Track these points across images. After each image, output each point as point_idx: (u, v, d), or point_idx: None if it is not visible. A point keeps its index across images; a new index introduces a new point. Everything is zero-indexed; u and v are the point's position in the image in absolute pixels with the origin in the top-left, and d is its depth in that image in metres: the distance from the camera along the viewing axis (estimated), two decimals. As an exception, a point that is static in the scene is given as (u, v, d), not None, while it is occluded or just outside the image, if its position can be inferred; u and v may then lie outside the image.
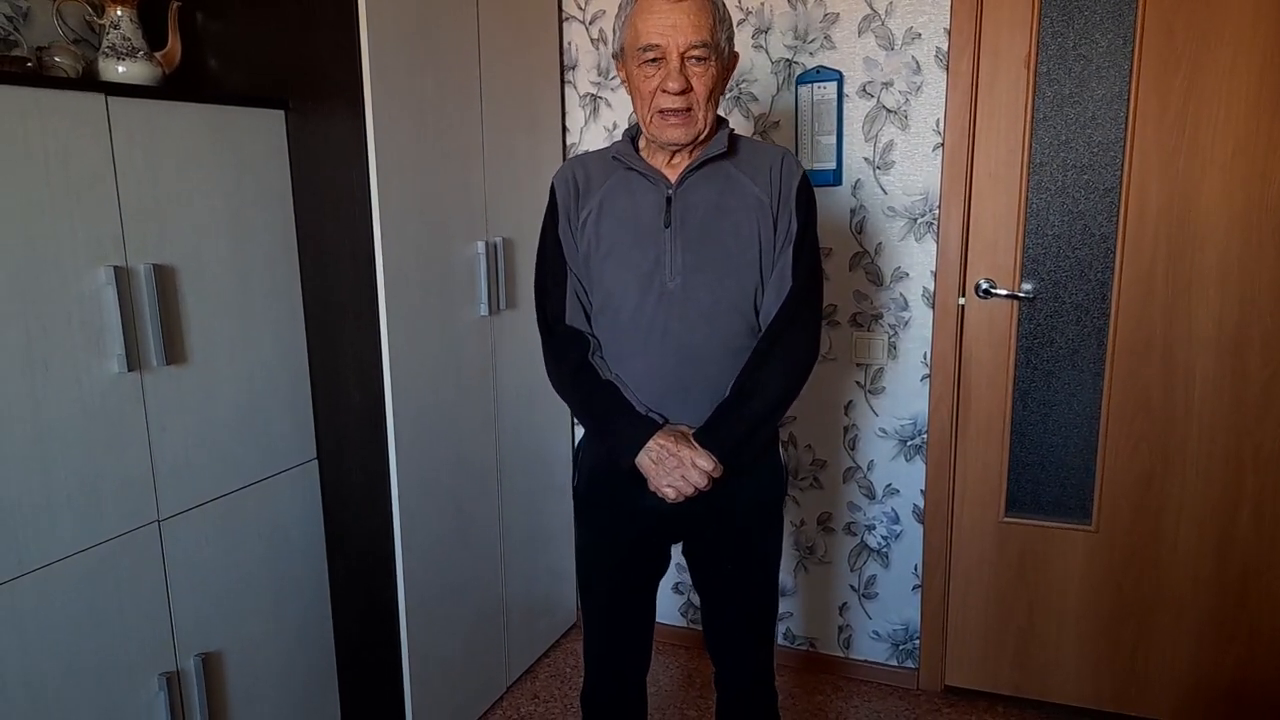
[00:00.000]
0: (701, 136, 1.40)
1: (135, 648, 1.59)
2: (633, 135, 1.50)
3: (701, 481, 1.38)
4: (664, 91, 1.34)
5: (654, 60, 1.34)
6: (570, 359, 1.47)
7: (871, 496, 2.40)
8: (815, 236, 1.47)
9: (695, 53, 1.33)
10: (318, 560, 1.99)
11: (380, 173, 1.77)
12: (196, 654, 1.69)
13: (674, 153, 1.43)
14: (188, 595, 1.68)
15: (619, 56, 1.44)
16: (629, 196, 1.44)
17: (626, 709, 1.64)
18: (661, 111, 1.36)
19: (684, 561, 1.62)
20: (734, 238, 1.41)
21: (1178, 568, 2.14)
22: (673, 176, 1.43)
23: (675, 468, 1.38)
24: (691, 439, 1.40)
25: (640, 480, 1.42)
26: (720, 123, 1.46)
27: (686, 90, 1.34)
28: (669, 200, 1.41)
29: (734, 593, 1.56)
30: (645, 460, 1.39)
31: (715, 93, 1.39)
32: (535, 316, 1.53)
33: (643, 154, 1.46)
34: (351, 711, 2.07)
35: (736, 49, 1.46)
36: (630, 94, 1.43)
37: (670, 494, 1.39)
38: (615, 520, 1.53)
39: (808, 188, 1.46)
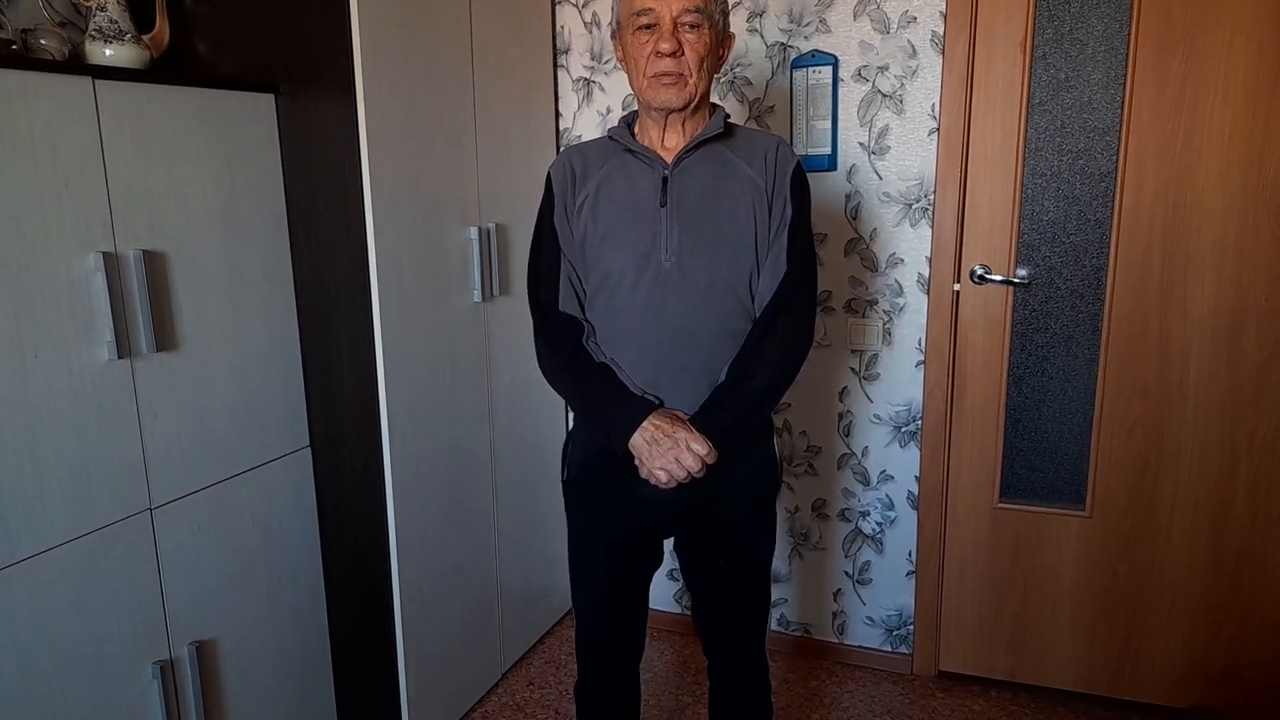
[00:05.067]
0: (694, 103, 1.41)
1: (128, 636, 1.58)
2: (628, 120, 1.51)
3: (695, 466, 1.36)
4: (656, 54, 1.37)
5: (648, 26, 1.37)
6: (564, 344, 1.46)
7: (866, 483, 2.40)
8: (809, 223, 1.48)
9: (688, 19, 1.36)
10: (312, 548, 1.98)
11: (372, 157, 1.75)
12: (190, 642, 1.69)
13: (668, 131, 1.44)
14: (181, 583, 1.67)
15: (616, 33, 1.46)
16: (626, 179, 1.45)
17: (620, 703, 1.64)
18: (655, 75, 1.38)
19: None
20: (730, 220, 1.42)
21: (1172, 552, 2.15)
22: (669, 158, 1.43)
23: (669, 449, 1.36)
24: (687, 422, 1.39)
25: (631, 470, 1.41)
26: (714, 108, 1.48)
27: (678, 52, 1.36)
28: (665, 180, 1.42)
29: (726, 588, 1.55)
30: (639, 441, 1.38)
31: (707, 63, 1.40)
32: (528, 303, 1.52)
33: (638, 137, 1.47)
34: (347, 698, 2.07)
35: (732, 30, 1.48)
36: (627, 69, 1.45)
37: (662, 477, 1.37)
38: (606, 512, 1.52)
39: (802, 175, 1.47)
